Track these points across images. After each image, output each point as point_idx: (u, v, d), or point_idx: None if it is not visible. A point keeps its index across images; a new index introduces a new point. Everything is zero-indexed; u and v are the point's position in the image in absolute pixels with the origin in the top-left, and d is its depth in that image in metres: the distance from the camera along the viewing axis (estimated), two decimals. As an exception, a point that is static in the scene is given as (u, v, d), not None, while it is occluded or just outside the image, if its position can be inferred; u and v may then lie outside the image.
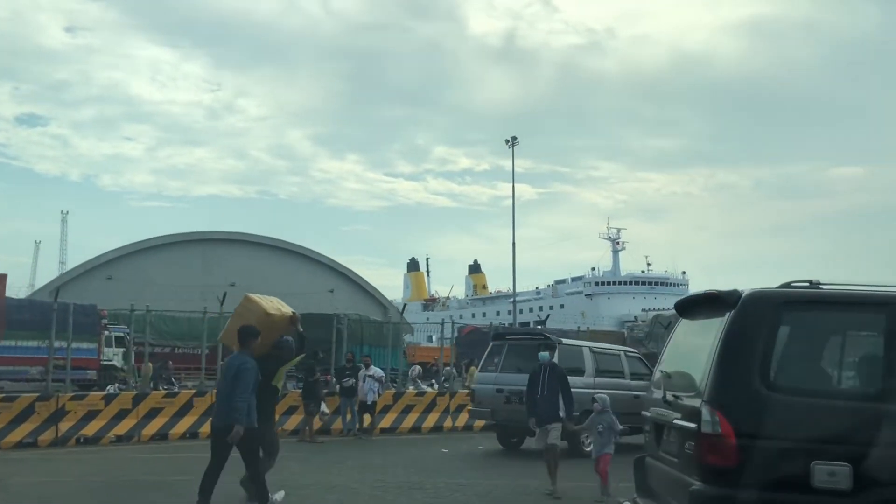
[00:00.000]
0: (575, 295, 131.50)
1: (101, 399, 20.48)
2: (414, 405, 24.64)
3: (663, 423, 7.66)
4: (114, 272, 64.79)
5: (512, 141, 74.38)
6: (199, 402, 21.46)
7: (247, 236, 75.77)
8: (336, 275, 78.14)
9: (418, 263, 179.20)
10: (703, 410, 6.50)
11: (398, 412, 24.20)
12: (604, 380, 20.03)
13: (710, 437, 6.41)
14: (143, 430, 20.38)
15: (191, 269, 65.65)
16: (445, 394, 25.30)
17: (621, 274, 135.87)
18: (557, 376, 14.33)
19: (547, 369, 14.40)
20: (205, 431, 20.86)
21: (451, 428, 24.50)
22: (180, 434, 20.82)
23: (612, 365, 21.12)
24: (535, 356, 14.96)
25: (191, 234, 73.18)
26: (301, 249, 78.13)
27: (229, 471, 11.52)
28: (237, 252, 71.19)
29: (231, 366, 11.23)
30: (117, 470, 15.86)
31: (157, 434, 20.52)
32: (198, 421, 21.18)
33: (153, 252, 69.71)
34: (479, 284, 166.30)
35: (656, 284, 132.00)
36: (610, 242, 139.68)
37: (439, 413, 24.80)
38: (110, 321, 36.77)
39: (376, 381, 22.52)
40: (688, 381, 7.33)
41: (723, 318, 6.86)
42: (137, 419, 20.43)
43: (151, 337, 41.67)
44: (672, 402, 7.45)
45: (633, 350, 24.21)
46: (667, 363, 8.29)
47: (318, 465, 16.72)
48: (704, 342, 7.07)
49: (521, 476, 15.70)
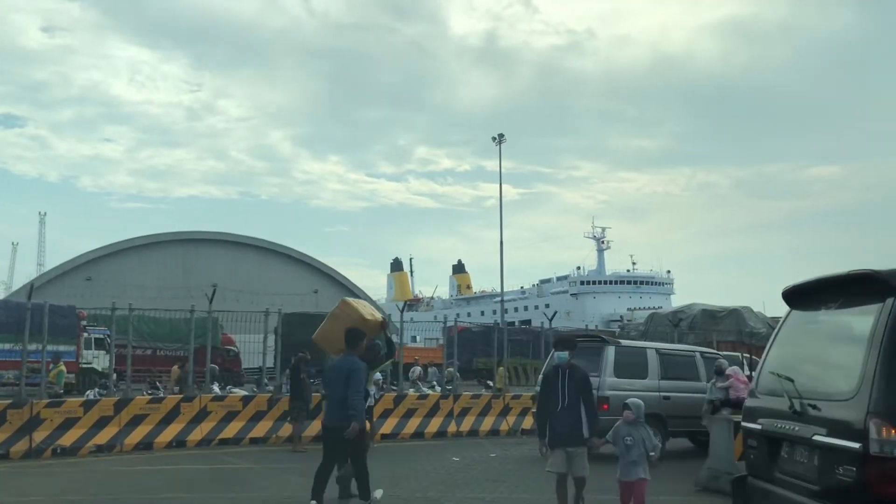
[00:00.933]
0: (560, 294, 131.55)
1: (80, 406, 18.67)
2: (416, 409, 22.95)
3: (783, 438, 6.13)
4: (93, 273, 63.45)
5: (499, 138, 74.32)
6: (187, 409, 19.73)
7: (229, 236, 74.84)
8: (320, 275, 77.55)
9: (402, 263, 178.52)
10: (871, 426, 4.96)
11: (399, 417, 22.49)
12: (672, 383, 18.78)
13: (886, 462, 4.85)
14: (126, 439, 18.62)
15: (172, 270, 64.75)
16: (449, 396, 23.67)
17: (606, 273, 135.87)
18: (578, 381, 10.99)
19: (565, 374, 11.03)
20: (193, 439, 19.35)
21: (455, 433, 22.91)
22: (167, 443, 19.07)
23: (683, 367, 19.62)
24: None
25: (172, 235, 72.31)
26: (284, 249, 77.49)
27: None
28: (219, 252, 70.22)
29: (343, 367, 11.80)
30: (98, 486, 14.17)
31: (142, 443, 18.77)
32: (185, 428, 19.54)
33: (133, 252, 68.70)
34: (464, 284, 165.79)
35: (641, 283, 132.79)
36: (595, 242, 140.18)
37: (443, 417, 23.17)
38: (89, 322, 35.24)
39: (373, 385, 20.86)
40: (827, 386, 5.77)
41: (882, 304, 5.31)
42: (120, 427, 18.67)
43: (133, 338, 40.95)
44: (804, 413, 5.85)
45: (711, 350, 22.82)
46: (778, 364, 6.63)
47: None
48: (848, 335, 5.56)
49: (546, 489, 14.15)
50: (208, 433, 19.76)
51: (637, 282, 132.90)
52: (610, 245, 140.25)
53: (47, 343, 19.82)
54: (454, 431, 22.97)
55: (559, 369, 11.14)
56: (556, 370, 11.23)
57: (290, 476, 15.22)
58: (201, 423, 19.79)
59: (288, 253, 77.62)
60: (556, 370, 11.20)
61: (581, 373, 11.25)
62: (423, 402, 23.41)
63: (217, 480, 14.92)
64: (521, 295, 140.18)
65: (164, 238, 71.34)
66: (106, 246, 69.35)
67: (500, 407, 24.22)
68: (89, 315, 34.06)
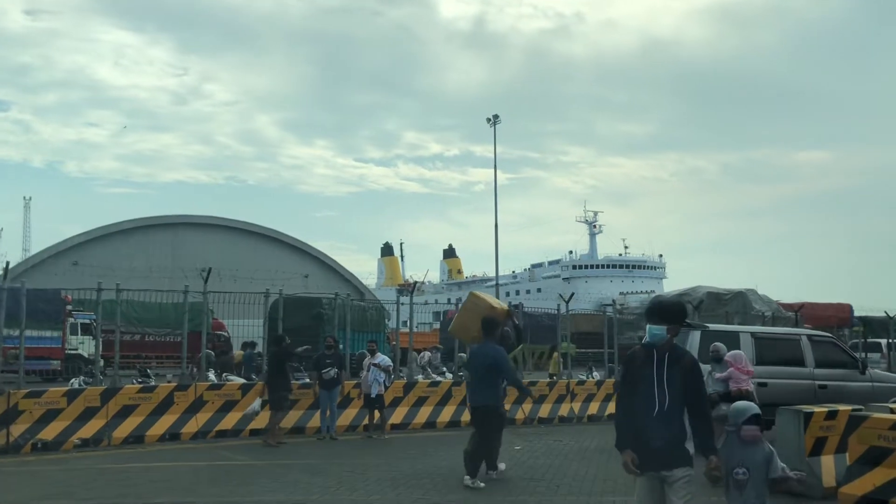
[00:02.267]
0: (552, 279, 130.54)
1: (63, 396, 16.89)
2: (427, 397, 21.34)
3: None
4: (80, 258, 61.60)
5: (493, 119, 73.57)
6: (181, 398, 18.00)
7: (218, 220, 73.48)
8: (310, 259, 76.34)
9: (392, 248, 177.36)
10: None
11: (410, 405, 20.90)
12: (772, 368, 16.95)
13: None
14: (115, 433, 16.91)
15: (161, 254, 63.22)
16: (462, 383, 22.05)
17: (598, 257, 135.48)
18: (685, 371, 6.98)
19: (663, 359, 7.04)
20: (188, 432, 17.69)
21: (468, 422, 21.25)
22: (159, 436, 17.38)
23: (786, 353, 17.76)
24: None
25: (160, 218, 70.87)
26: (274, 234, 76.30)
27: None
28: (209, 236, 68.75)
29: (484, 354, 13.25)
30: (83, 487, 12.53)
31: (132, 436, 17.07)
32: (180, 420, 17.85)
33: (121, 237, 67.15)
34: (454, 269, 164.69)
35: (634, 268, 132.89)
36: (587, 226, 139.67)
37: (455, 406, 21.49)
38: (75, 307, 33.68)
39: (382, 372, 19.24)
40: None
41: None
42: (107, 419, 16.97)
43: (121, 323, 39.47)
44: None
45: (821, 333, 20.60)
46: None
47: (336, 478, 13.40)
48: None
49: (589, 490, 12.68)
50: (204, 425, 18.07)
51: (629, 266, 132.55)
52: (602, 229, 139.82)
53: (31, 329, 18.18)
54: (467, 421, 21.27)
55: (654, 351, 7.13)
56: (648, 352, 7.17)
57: (297, 474, 13.60)
58: (197, 414, 18.09)
59: (278, 237, 76.03)
60: (650, 352, 7.14)
61: (689, 359, 7.23)
62: (435, 389, 21.80)
63: (217, 480, 13.25)
64: (513, 279, 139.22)
65: (152, 222, 69.70)
66: (93, 230, 67.70)
67: (515, 394, 22.61)
68: (75, 300, 32.39)
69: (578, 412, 23.26)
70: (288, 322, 22.41)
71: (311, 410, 19.27)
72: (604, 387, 24.34)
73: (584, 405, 23.55)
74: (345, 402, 19.69)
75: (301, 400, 19.33)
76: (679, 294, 50.35)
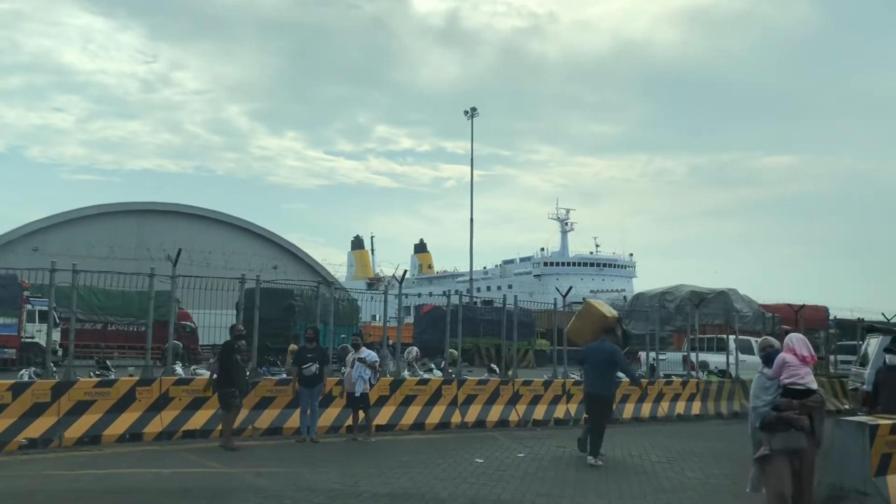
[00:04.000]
0: (523, 275, 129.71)
1: (8, 390, 14.70)
2: (415, 396, 19.44)
3: None
4: (40, 243, 59.45)
5: (471, 112, 72.65)
6: (144, 394, 15.96)
7: (186, 208, 72.15)
8: (280, 250, 74.79)
9: (363, 241, 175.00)
10: None
11: (397, 405, 19.01)
12: None
13: None
14: (67, 432, 14.83)
15: (125, 242, 60.74)
16: (452, 382, 20.25)
17: (570, 255, 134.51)
18: None
19: None
20: (152, 431, 15.73)
21: (459, 424, 19.53)
22: (118, 436, 15.32)
23: None
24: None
25: (125, 205, 69.25)
26: (243, 223, 75.12)
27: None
28: (176, 224, 66.76)
29: (602, 350, 15.39)
30: (28, 496, 10.67)
31: (87, 436, 15.00)
32: (142, 418, 15.81)
33: (84, 223, 65.21)
34: (425, 264, 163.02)
35: (604, 266, 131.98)
36: (559, 223, 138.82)
37: (445, 406, 19.75)
38: (33, 294, 31.64)
39: (368, 368, 17.36)
40: None
41: None
42: (59, 416, 14.89)
43: (80, 311, 37.55)
44: None
45: None
46: None
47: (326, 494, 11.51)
48: None
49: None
50: (170, 424, 16.04)
51: (600, 264, 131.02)
52: (574, 227, 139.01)
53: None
54: (458, 422, 19.58)
55: None
56: None
57: (280, 485, 11.74)
58: (162, 412, 16.05)
59: (247, 227, 74.79)
60: None
61: None
62: (424, 387, 19.83)
63: (185, 493, 11.29)
64: (484, 275, 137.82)
65: (117, 208, 67.90)
66: (55, 215, 65.74)
67: (509, 394, 20.91)
68: (34, 285, 30.30)
69: (575, 414, 21.54)
70: (260, 312, 20.44)
71: (290, 409, 17.38)
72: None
73: (581, 406, 21.85)
74: (326, 401, 17.73)
75: (278, 398, 17.48)
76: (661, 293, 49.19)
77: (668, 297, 47.87)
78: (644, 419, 22.97)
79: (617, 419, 22.01)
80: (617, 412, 22.20)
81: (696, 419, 23.79)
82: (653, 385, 23.91)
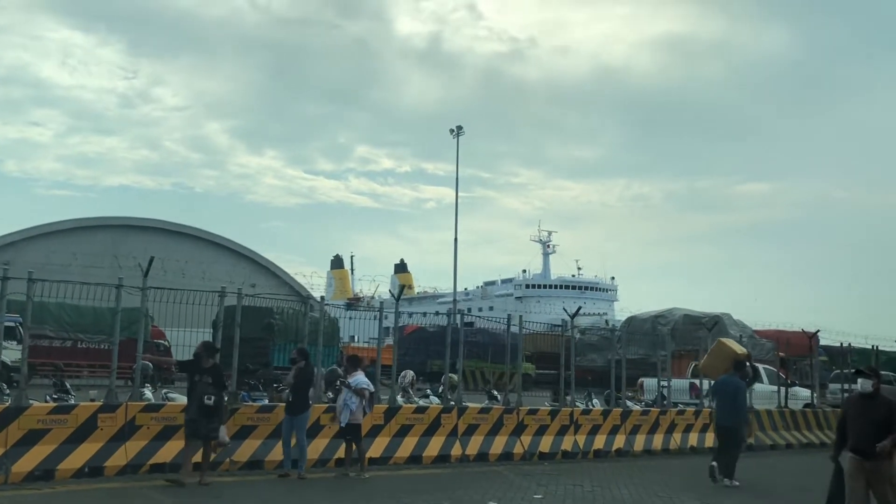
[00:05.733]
0: (505, 297, 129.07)
1: None
2: (412, 425, 17.56)
3: None
4: (12, 257, 57.09)
5: (457, 130, 72.79)
6: (108, 421, 13.98)
7: (162, 223, 70.78)
8: (258, 268, 73.48)
9: (342, 261, 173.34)
10: None
11: (391, 435, 17.14)
12: None
13: None
14: (16, 466, 12.82)
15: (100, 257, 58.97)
16: (452, 410, 18.40)
17: (552, 277, 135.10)
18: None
19: None
20: (115, 465, 13.81)
21: (460, 456, 17.69)
22: (75, 470, 13.34)
23: None
24: None
25: (100, 220, 67.68)
26: (221, 240, 73.91)
27: None
28: (151, 239, 64.75)
29: (733, 384, 17.16)
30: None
31: (38, 470, 13.02)
32: (104, 449, 13.80)
33: (58, 237, 63.46)
34: (406, 284, 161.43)
35: (586, 289, 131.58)
36: (541, 245, 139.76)
37: (444, 437, 17.91)
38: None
39: (355, 395, 15.39)
40: None
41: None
42: (6, 448, 12.86)
43: (50, 328, 36.03)
44: None
45: None
46: None
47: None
48: None
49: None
50: (136, 456, 14.03)
51: (581, 287, 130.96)
52: (555, 249, 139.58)
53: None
54: (459, 455, 17.72)
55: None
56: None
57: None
58: (127, 442, 14.04)
59: (225, 244, 73.41)
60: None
61: None
62: (421, 416, 17.92)
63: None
64: (465, 296, 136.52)
65: (91, 223, 66.21)
66: (28, 228, 64.03)
67: (513, 424, 19.09)
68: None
69: (583, 446, 19.80)
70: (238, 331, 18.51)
71: (272, 440, 15.49)
72: (611, 417, 20.93)
73: (590, 438, 20.15)
74: (314, 430, 15.87)
75: (260, 427, 15.61)
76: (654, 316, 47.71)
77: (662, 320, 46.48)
78: (656, 452, 21.27)
79: (628, 451, 20.48)
80: (627, 444, 20.62)
81: (709, 452, 22.08)
82: (664, 415, 22.19)
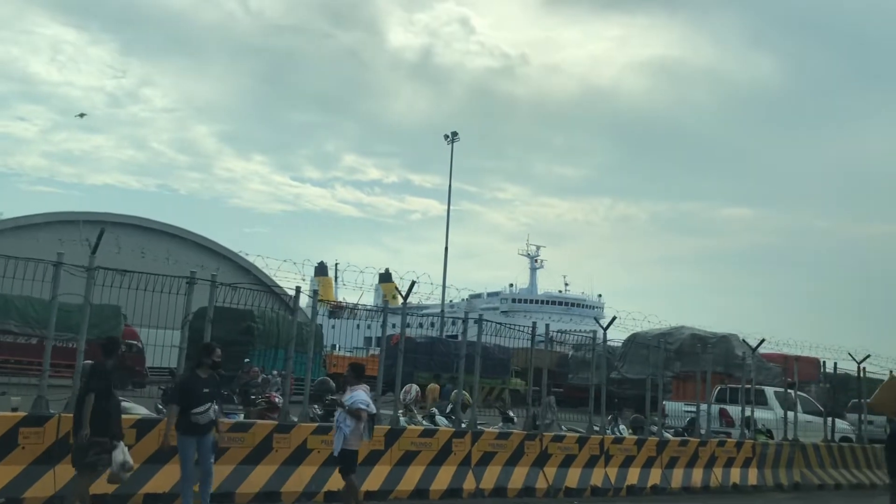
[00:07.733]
0: (490, 311, 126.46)
1: None
2: (418, 452, 14.58)
3: None
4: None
5: (451, 136, 71.34)
6: (32, 439, 10.94)
7: (143, 221, 68.32)
8: (240, 271, 70.17)
9: (327, 268, 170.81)
10: None
11: (393, 464, 14.15)
12: None
13: None
14: None
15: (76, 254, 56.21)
16: (466, 434, 15.41)
17: (538, 292, 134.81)
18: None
19: None
20: (38, 496, 10.65)
21: (473, 491, 14.71)
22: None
23: None
24: None
25: (77, 214, 64.28)
26: (203, 240, 71.52)
27: None
28: (130, 237, 61.89)
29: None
30: None
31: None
32: (24, 475, 10.76)
33: (30, 231, 60.49)
34: (390, 294, 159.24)
35: (573, 305, 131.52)
36: (528, 260, 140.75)
37: (455, 466, 14.96)
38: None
39: (349, 417, 12.17)
40: None
41: None
42: None
43: (15, 324, 35.09)
44: None
45: None
46: None
47: None
48: None
49: None
50: (64, 487, 10.69)
51: (568, 303, 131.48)
52: (543, 264, 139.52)
53: None
54: (472, 490, 14.70)
55: None
56: None
57: None
58: (56, 466, 10.98)
59: (207, 245, 71.01)
60: None
61: None
62: (429, 440, 14.89)
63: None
64: (450, 309, 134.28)
65: (68, 217, 63.25)
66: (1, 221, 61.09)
67: (535, 452, 16.09)
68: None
69: (615, 481, 16.90)
70: (214, 333, 15.51)
71: (247, 465, 12.54)
72: (645, 447, 17.99)
73: (622, 471, 17.24)
74: (299, 456, 12.92)
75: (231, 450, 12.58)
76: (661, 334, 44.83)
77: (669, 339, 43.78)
78: (695, 489, 18.34)
79: (665, 488, 17.61)
80: (664, 480, 17.75)
81: (753, 490, 19.26)
82: (704, 446, 19.29)
